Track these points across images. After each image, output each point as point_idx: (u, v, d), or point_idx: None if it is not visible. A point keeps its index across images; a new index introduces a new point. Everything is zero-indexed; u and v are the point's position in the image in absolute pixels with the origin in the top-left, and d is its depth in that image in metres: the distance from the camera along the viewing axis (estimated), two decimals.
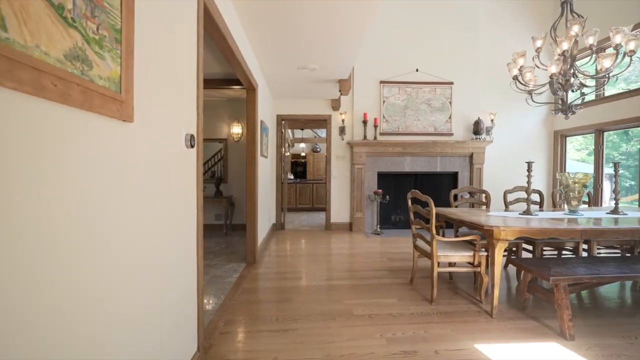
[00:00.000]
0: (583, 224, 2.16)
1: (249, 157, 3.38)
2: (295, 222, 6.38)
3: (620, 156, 5.14)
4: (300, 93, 5.03)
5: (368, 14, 2.57)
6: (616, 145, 5.25)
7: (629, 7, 4.24)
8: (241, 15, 2.58)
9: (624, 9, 4.29)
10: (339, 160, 5.42)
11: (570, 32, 2.44)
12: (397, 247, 4.13)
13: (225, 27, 2.11)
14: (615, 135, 5.09)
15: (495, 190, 5.58)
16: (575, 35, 2.40)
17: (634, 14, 4.15)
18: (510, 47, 5.58)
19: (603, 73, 2.36)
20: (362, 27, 2.78)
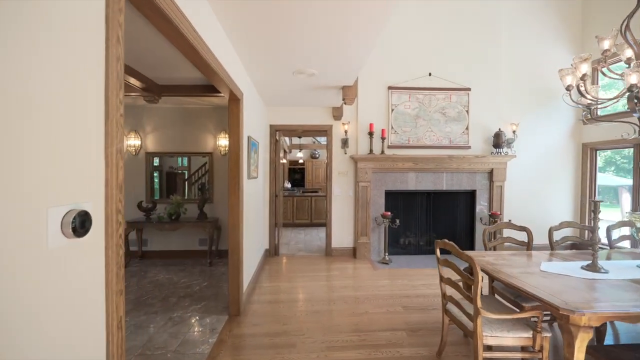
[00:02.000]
0: None
1: (232, 184, 2.72)
2: (292, 243, 5.71)
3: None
4: (297, 101, 4.37)
5: (382, 13, 1.93)
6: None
7: None
8: (217, 10, 1.92)
9: None
10: (341, 177, 4.76)
11: None
12: (411, 285, 3.47)
13: (184, 18, 1.45)
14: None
15: (519, 212, 4.96)
16: None
17: None
18: (535, 51, 4.97)
19: None
20: (374, 27, 2.14)
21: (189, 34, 1.53)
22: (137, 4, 1.19)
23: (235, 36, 2.30)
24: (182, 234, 4.57)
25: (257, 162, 3.72)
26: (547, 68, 4.98)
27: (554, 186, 5.04)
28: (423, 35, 4.63)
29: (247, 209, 3.14)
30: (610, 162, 5.13)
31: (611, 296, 1.55)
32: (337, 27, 2.17)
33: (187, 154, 4.66)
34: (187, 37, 1.52)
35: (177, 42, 1.59)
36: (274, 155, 4.80)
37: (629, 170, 4.53)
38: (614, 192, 5.37)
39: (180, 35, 1.48)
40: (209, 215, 4.56)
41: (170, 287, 3.46)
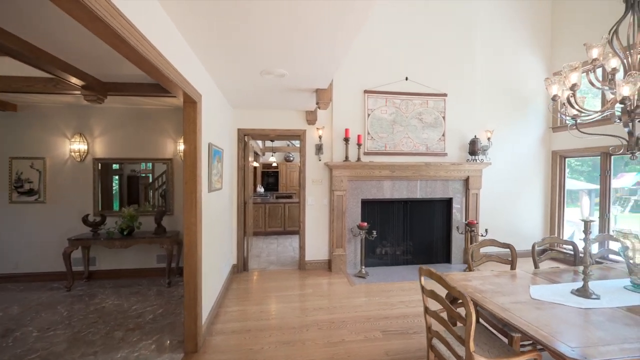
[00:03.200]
0: None
1: (188, 201, 2.34)
2: (263, 255, 5.34)
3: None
4: (268, 103, 4.03)
5: (358, 15, 1.66)
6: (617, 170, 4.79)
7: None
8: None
9: None
10: (315, 185, 4.48)
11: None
12: (390, 304, 3.25)
13: (105, 2, 1.09)
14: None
15: (494, 219, 4.96)
16: None
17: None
18: (508, 59, 5.00)
19: None
20: (350, 29, 1.87)
21: (113, 20, 1.17)
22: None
23: (187, 31, 1.93)
24: (136, 251, 4.06)
25: (221, 172, 3.33)
26: (520, 76, 5.04)
27: (527, 192, 5.10)
28: (400, 39, 4.47)
29: (208, 227, 2.76)
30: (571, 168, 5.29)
31: (615, 334, 1.39)
32: (308, 26, 1.88)
33: (142, 160, 4.15)
34: (110, 25, 1.16)
35: (99, 31, 1.22)
36: (243, 161, 4.41)
37: (585, 174, 4.67)
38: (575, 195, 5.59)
39: (98, 20, 1.11)
40: (169, 229, 4.08)
41: (119, 317, 2.98)
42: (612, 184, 4.36)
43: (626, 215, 7.65)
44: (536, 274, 2.24)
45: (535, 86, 5.05)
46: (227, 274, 3.90)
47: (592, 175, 5.17)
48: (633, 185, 4.98)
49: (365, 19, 1.85)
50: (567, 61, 4.76)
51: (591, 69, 2.01)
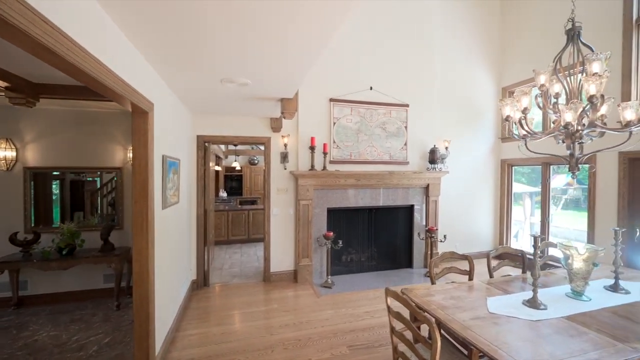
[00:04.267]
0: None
1: (137, 222, 2.11)
2: (226, 266, 5.09)
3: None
4: (230, 110, 3.84)
5: (331, 21, 1.61)
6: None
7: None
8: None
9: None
10: (280, 195, 4.36)
11: (590, 69, 1.86)
12: (356, 315, 3.26)
13: None
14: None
15: (452, 225, 5.23)
16: (598, 76, 1.82)
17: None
18: (463, 74, 5.31)
19: (625, 129, 1.83)
20: (319, 38, 1.81)
21: (34, 28, 0.98)
22: None
23: (137, 37, 1.74)
24: (79, 271, 3.63)
25: (177, 185, 3.09)
26: (473, 90, 5.38)
27: (480, 197, 5.47)
28: (365, 49, 4.53)
29: (162, 247, 2.53)
30: (514, 171, 5.77)
31: (562, 347, 1.49)
32: (271, 38, 1.79)
33: (85, 169, 3.73)
34: (30, 34, 0.97)
35: (15, 38, 1.02)
36: (203, 170, 4.16)
37: (526, 175, 5.14)
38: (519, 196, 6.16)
39: (10, 26, 0.93)
40: (118, 245, 3.71)
41: (55, 352, 2.62)
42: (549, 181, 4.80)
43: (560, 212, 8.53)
44: (491, 284, 2.37)
45: (486, 100, 5.43)
46: (186, 291, 3.64)
47: (531, 176, 5.70)
48: (564, 186, 5.59)
49: (329, 37, 1.81)
50: (515, 77, 5.15)
51: (539, 95, 2.17)
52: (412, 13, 4.74)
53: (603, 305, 1.99)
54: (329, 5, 1.47)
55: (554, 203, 5.32)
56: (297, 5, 1.48)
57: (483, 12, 5.38)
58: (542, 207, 4.90)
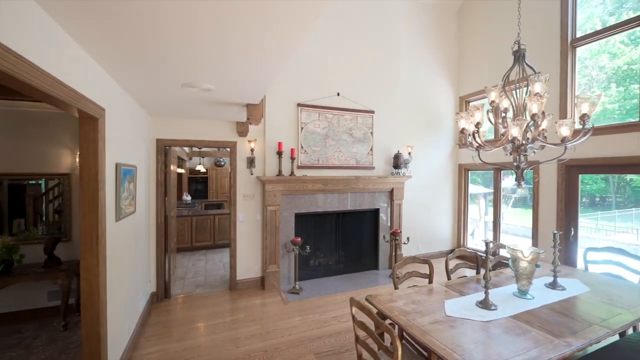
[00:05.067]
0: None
1: (86, 238, 1.95)
2: (189, 275, 4.87)
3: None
4: (194, 113, 3.68)
5: (296, 31, 1.61)
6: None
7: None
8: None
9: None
10: (247, 201, 4.27)
11: (532, 89, 2.05)
12: (323, 321, 3.28)
13: None
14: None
15: (415, 227, 5.46)
16: (539, 95, 2.01)
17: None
18: (425, 82, 5.57)
19: (562, 144, 2.05)
20: (284, 47, 1.80)
21: None
22: None
23: (84, 39, 1.60)
24: (18, 290, 3.26)
25: (134, 193, 2.89)
26: (433, 98, 5.67)
27: (440, 200, 5.78)
28: (333, 55, 4.58)
29: (115, 262, 2.35)
30: (470, 172, 6.19)
31: (509, 347, 1.62)
32: (233, 43, 1.74)
33: (24, 176, 3.36)
34: None
35: None
36: (163, 175, 3.94)
37: (481, 175, 5.55)
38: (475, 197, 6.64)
39: None
40: (66, 259, 3.39)
41: None
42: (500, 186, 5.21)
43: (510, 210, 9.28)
44: (449, 286, 2.51)
45: (446, 108, 5.76)
46: (144, 305, 3.42)
47: (486, 177, 6.15)
48: (513, 185, 6.12)
49: (295, 45, 1.81)
50: (471, 88, 5.49)
51: (491, 110, 2.34)
52: (379, 24, 4.89)
53: (543, 303, 2.20)
54: (293, 15, 1.46)
55: (504, 202, 5.79)
56: (260, 15, 1.46)
57: (443, 27, 5.69)
58: (494, 207, 5.30)
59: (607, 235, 8.09)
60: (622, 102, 4.28)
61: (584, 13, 4.66)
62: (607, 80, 5.57)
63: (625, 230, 7.72)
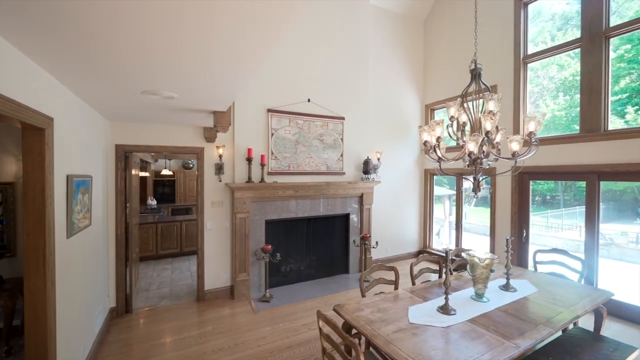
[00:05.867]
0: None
1: (30, 258, 1.79)
2: (153, 287, 4.64)
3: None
4: (156, 118, 3.51)
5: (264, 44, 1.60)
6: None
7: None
8: None
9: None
10: (215, 208, 4.15)
11: (487, 107, 2.20)
12: (293, 330, 3.28)
13: None
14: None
15: (384, 231, 5.62)
16: (492, 113, 2.16)
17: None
18: (393, 91, 5.75)
19: (513, 157, 2.22)
20: (251, 59, 1.78)
21: None
22: None
23: (26, 47, 1.47)
24: None
25: (89, 205, 2.71)
26: (401, 106, 5.87)
27: (407, 204, 5.99)
28: (304, 61, 4.59)
29: (66, 281, 2.19)
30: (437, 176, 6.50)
31: (465, 351, 1.73)
32: (196, 55, 1.70)
33: None
34: None
35: None
36: (123, 183, 3.72)
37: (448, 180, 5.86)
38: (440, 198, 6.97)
39: None
40: (9, 276, 3.09)
41: None
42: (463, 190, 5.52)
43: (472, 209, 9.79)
44: (413, 292, 2.62)
45: (413, 115, 5.99)
46: (102, 323, 3.21)
47: (451, 179, 6.48)
48: (471, 193, 6.52)
49: (262, 58, 1.79)
50: (435, 97, 5.74)
51: (450, 124, 2.47)
52: (349, 31, 4.97)
53: (497, 305, 2.36)
54: (260, 26, 1.45)
55: (467, 202, 6.15)
56: (225, 28, 1.43)
57: (410, 37, 5.91)
58: (456, 210, 5.60)
59: (556, 232, 8.86)
60: (569, 110, 4.69)
61: (536, 27, 5.09)
62: (556, 89, 6.13)
63: (571, 228, 8.49)
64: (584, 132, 3.76)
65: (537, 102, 6.48)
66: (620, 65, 5.16)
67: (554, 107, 6.22)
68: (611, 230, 7.95)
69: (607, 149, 3.57)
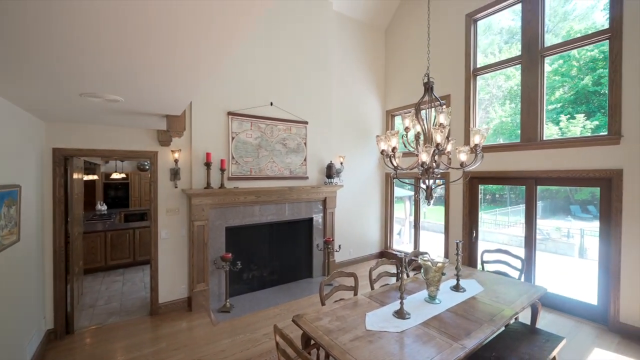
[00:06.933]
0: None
1: None
2: (101, 302, 4.26)
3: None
4: (101, 120, 3.23)
5: (219, 50, 1.53)
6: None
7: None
8: None
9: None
10: (170, 216, 3.92)
11: (438, 120, 2.32)
12: (254, 340, 3.21)
13: None
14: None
15: (347, 233, 5.72)
16: (442, 126, 2.28)
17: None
18: (356, 97, 5.87)
19: (461, 167, 2.37)
20: (208, 62, 1.70)
21: None
22: None
23: None
24: None
25: (16, 219, 2.41)
26: (364, 111, 6.02)
27: (369, 206, 6.16)
28: (266, 64, 4.51)
29: None
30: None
31: (417, 356, 1.81)
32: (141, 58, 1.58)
33: None
34: None
35: None
36: (62, 190, 3.37)
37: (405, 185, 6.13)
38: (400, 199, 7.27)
39: None
40: None
41: None
42: (420, 193, 5.79)
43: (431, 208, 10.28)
44: (371, 297, 2.69)
45: (374, 121, 6.17)
46: (37, 349, 2.87)
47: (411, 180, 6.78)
48: (438, 185, 6.91)
49: (218, 62, 1.72)
50: (395, 104, 5.94)
51: (404, 134, 2.58)
52: (312, 36, 4.98)
53: (448, 306, 2.51)
54: (215, 32, 1.38)
55: (424, 203, 6.48)
56: (175, 29, 1.34)
57: (373, 44, 6.08)
58: (414, 212, 5.87)
59: (503, 229, 9.68)
60: (514, 117, 5.13)
61: (487, 39, 5.52)
62: (504, 97, 6.71)
63: (516, 224, 9.33)
64: (524, 141, 4.14)
65: (487, 109, 7.03)
66: (556, 78, 5.79)
67: (502, 114, 6.79)
68: (548, 226, 8.87)
69: (542, 157, 3.96)
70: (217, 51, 1.52)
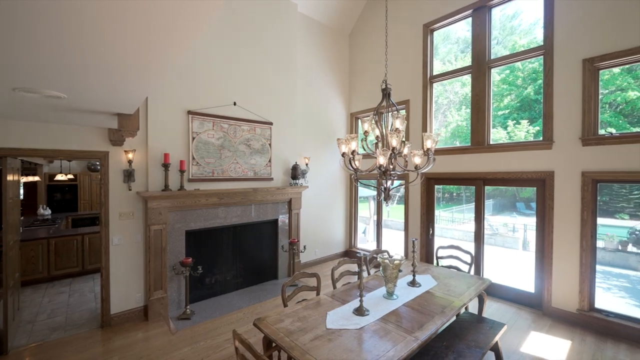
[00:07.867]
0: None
1: None
2: (42, 316, 3.88)
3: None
4: (42, 117, 2.95)
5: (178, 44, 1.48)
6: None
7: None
8: None
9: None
10: (124, 220, 3.68)
11: (394, 124, 2.44)
12: (215, 347, 3.12)
13: None
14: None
15: (312, 234, 5.77)
16: (398, 131, 2.41)
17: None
18: (322, 99, 5.94)
19: (415, 170, 2.51)
20: (160, 59, 1.63)
21: None
22: None
23: None
24: None
25: None
26: (329, 114, 6.11)
27: (334, 207, 6.27)
28: (230, 64, 4.40)
29: None
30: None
31: (374, 352, 1.89)
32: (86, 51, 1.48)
33: None
34: None
35: None
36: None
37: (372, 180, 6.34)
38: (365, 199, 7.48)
39: None
40: None
41: None
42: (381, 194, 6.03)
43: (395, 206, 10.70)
44: (334, 296, 2.75)
45: (338, 123, 6.29)
46: None
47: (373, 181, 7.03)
48: (396, 186, 7.25)
49: (171, 59, 1.66)
50: (359, 107, 6.10)
51: (364, 138, 2.68)
52: (276, 36, 4.95)
53: (404, 301, 2.65)
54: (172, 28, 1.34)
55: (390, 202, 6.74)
56: (121, 22, 1.28)
57: (337, 47, 6.19)
58: (377, 212, 6.09)
59: (458, 225, 10.37)
60: (468, 121, 5.52)
61: (445, 47, 5.89)
62: (460, 102, 7.19)
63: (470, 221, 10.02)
64: (474, 144, 4.48)
65: (445, 113, 7.50)
66: (504, 87, 6.34)
67: (458, 118, 7.27)
68: (497, 222, 9.65)
69: (489, 160, 4.32)
70: (167, 50, 1.47)
